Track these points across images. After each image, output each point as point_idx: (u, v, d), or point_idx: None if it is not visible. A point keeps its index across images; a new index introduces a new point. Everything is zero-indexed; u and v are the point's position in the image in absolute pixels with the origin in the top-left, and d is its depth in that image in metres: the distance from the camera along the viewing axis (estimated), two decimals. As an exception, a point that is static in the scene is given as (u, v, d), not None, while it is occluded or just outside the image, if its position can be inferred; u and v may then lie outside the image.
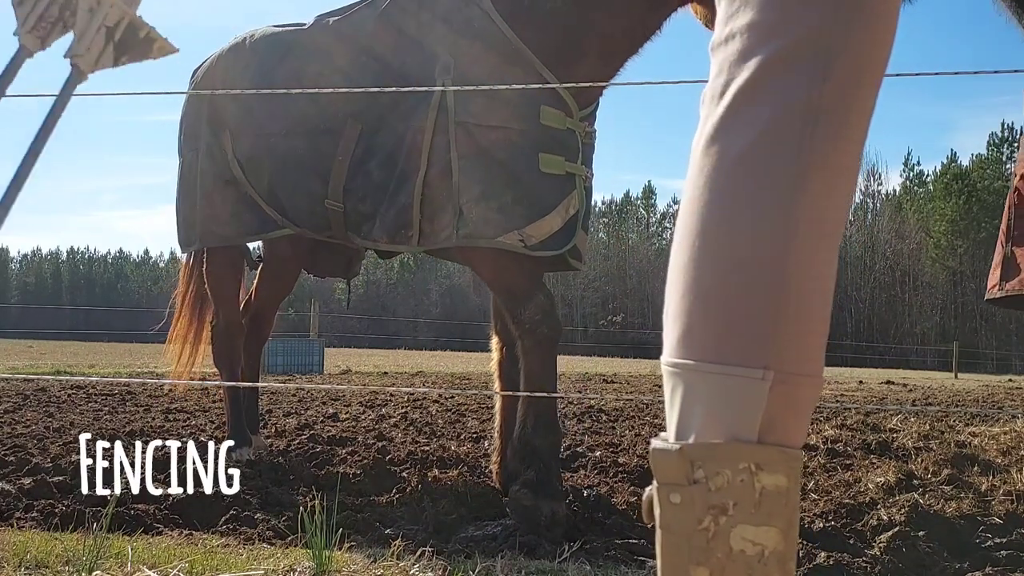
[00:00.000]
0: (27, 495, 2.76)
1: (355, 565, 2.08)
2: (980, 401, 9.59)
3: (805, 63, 0.85)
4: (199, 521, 2.58)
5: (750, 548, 0.84)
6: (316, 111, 2.99)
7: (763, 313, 0.85)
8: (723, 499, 0.84)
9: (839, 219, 0.88)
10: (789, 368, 0.85)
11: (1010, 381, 18.21)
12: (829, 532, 2.51)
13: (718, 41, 0.92)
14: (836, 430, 5.02)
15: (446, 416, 5.74)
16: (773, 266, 0.85)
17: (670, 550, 0.87)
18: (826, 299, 0.88)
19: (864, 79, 0.87)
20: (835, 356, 30.06)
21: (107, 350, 19.92)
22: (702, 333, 0.87)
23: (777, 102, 0.85)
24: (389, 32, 2.91)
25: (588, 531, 2.51)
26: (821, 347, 0.88)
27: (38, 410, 5.65)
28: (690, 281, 0.88)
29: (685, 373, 0.88)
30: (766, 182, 0.85)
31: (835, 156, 0.86)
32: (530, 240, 2.65)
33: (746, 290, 0.85)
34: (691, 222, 0.89)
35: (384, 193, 2.82)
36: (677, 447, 0.86)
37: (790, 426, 0.86)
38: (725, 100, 0.88)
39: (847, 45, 0.85)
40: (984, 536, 2.49)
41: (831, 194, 0.87)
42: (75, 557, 2.01)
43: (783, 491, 0.84)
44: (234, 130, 3.26)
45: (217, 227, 3.37)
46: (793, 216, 0.85)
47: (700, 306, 0.87)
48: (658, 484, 0.88)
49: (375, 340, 27.06)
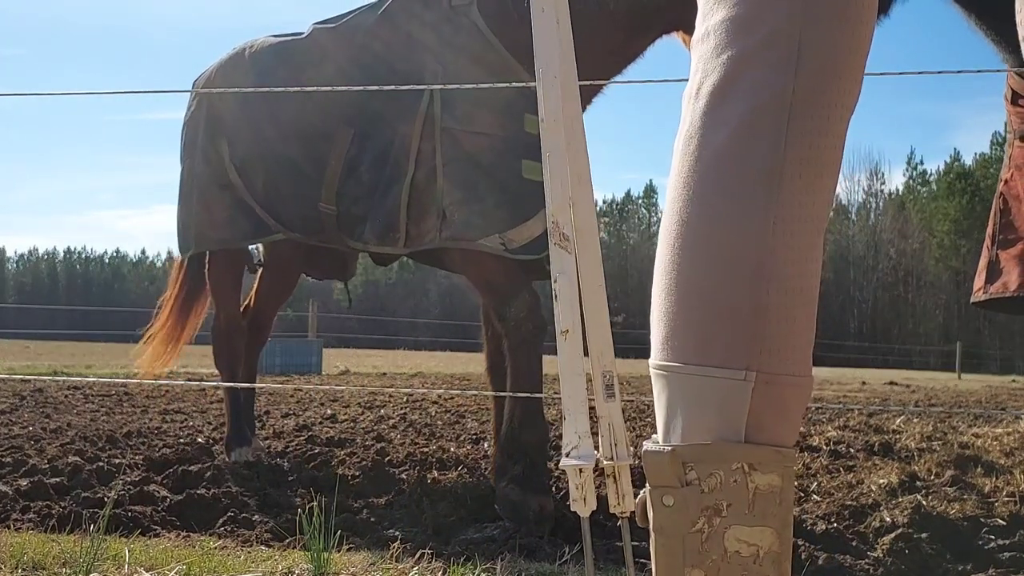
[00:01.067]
0: (24, 496, 2.75)
1: (354, 567, 2.07)
2: (983, 402, 9.59)
3: (776, 57, 0.84)
4: (197, 523, 2.57)
5: (745, 549, 0.83)
6: (310, 117, 3.08)
7: (744, 313, 0.84)
8: (716, 500, 0.83)
9: (821, 214, 0.87)
10: (773, 368, 0.84)
11: (1013, 382, 18.20)
12: (831, 534, 2.50)
13: (696, 39, 0.91)
14: (839, 431, 5.01)
15: (445, 417, 5.72)
16: (753, 265, 0.84)
17: (665, 553, 0.86)
18: (809, 296, 0.87)
19: (841, 72, 0.86)
20: (838, 357, 30.04)
21: (104, 351, 19.91)
22: (684, 335, 0.86)
23: (751, 97, 0.85)
24: (380, 42, 3.00)
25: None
26: (806, 346, 0.87)
27: (35, 411, 5.64)
28: (672, 282, 0.88)
29: (670, 376, 0.87)
30: (744, 178, 0.85)
31: (813, 150, 0.85)
32: (511, 244, 2.72)
33: (726, 290, 0.84)
34: (672, 222, 0.89)
35: (374, 196, 2.90)
36: (669, 449, 0.85)
37: (779, 426, 0.85)
38: (702, 97, 0.88)
39: (819, 38, 0.85)
40: (987, 538, 2.47)
41: (811, 188, 0.86)
42: (72, 559, 2.00)
43: (777, 491, 0.83)
44: (231, 137, 3.34)
45: (213, 231, 3.44)
46: (773, 211, 0.84)
47: (682, 308, 0.87)
48: (651, 487, 0.87)
49: (374, 340, 27.03)
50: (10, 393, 6.84)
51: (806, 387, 0.87)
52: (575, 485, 0.96)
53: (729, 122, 0.85)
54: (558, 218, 0.96)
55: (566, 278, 0.95)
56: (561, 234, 0.97)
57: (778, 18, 0.85)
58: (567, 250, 0.96)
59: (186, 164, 3.61)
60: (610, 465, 0.99)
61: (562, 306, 0.96)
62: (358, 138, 2.95)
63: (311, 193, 3.04)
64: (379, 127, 2.90)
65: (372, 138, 2.93)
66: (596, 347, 1.00)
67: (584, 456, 0.95)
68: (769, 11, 0.85)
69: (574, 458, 0.95)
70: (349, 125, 2.97)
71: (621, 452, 0.99)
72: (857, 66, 0.88)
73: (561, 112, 0.98)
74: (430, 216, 2.77)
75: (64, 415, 5.43)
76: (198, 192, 3.45)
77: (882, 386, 13.12)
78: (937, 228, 49.01)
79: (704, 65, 0.89)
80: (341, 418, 5.62)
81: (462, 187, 2.74)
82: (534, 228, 2.73)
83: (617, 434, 0.99)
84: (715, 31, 0.88)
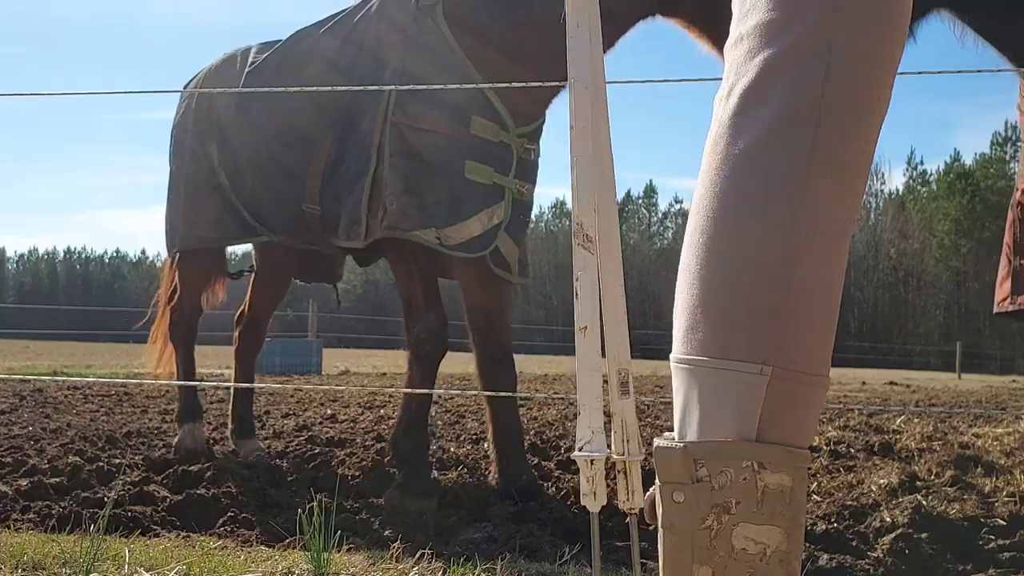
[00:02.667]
0: (24, 496, 2.75)
1: (354, 567, 2.07)
2: (983, 402, 9.58)
3: (807, 62, 0.86)
4: (197, 523, 2.57)
5: (752, 547, 0.84)
6: (296, 120, 3.15)
7: (763, 310, 0.85)
8: (726, 498, 0.84)
9: (848, 217, 0.88)
10: (790, 365, 0.85)
11: (1014, 382, 18.18)
12: (832, 534, 2.49)
13: (730, 44, 0.93)
14: (839, 431, 5.01)
15: (445, 417, 5.72)
16: (777, 264, 0.85)
17: (673, 549, 0.86)
18: (832, 297, 0.88)
19: (870, 78, 0.87)
20: (838, 356, 29.65)
21: (104, 351, 19.92)
22: (705, 329, 0.87)
23: (781, 101, 0.86)
24: (353, 46, 3.08)
25: (589, 533, 2.49)
26: (826, 346, 0.88)
27: (35, 411, 5.64)
28: (695, 278, 0.89)
29: (689, 369, 0.88)
30: (771, 180, 0.86)
31: (841, 154, 0.86)
32: (448, 240, 2.80)
33: (747, 288, 0.86)
34: (699, 220, 0.90)
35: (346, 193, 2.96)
36: (681, 445, 0.86)
37: (793, 424, 0.86)
38: (732, 100, 0.89)
39: (850, 44, 0.86)
40: (987, 538, 2.47)
41: (838, 192, 0.87)
42: (72, 559, 2.00)
43: (786, 490, 0.84)
44: (220, 141, 3.42)
45: (201, 231, 3.53)
46: (798, 213, 0.85)
47: (704, 303, 0.88)
48: (661, 483, 0.88)
49: (374, 340, 26.97)
50: (10, 393, 6.84)
51: (822, 386, 0.88)
52: (587, 478, 0.97)
53: (757, 125, 0.87)
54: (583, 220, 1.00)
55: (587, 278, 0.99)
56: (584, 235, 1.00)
57: (810, 23, 0.86)
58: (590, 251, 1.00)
59: (175, 165, 3.71)
60: (621, 460, 1.00)
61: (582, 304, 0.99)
62: (338, 139, 3.01)
63: (296, 195, 3.10)
64: (354, 126, 2.97)
65: (348, 138, 2.98)
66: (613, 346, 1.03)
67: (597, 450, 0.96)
68: (801, 16, 0.87)
69: (587, 451, 0.96)
70: (331, 127, 3.03)
71: (633, 448, 1.01)
72: (890, 70, 0.90)
73: (590, 121, 1.02)
74: (381, 208, 2.84)
75: (64, 415, 5.43)
76: (187, 192, 3.53)
77: (882, 386, 13.11)
78: (937, 228, 48.98)
79: (737, 68, 0.90)
80: (341, 418, 5.62)
81: (404, 179, 2.81)
82: (472, 227, 2.82)
83: (630, 431, 1.01)
84: (748, 35, 0.90)
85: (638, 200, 62.79)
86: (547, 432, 4.88)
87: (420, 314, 2.90)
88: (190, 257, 3.77)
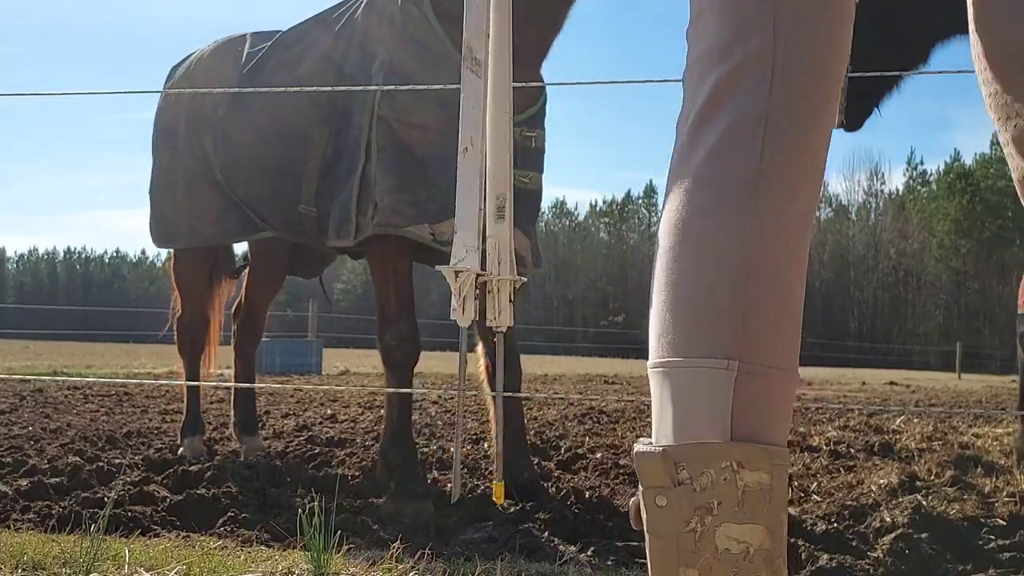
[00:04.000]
0: (24, 496, 2.75)
1: (353, 567, 2.07)
2: (983, 402, 9.59)
3: (752, 81, 0.93)
4: (197, 523, 2.56)
5: (735, 546, 0.85)
6: (287, 118, 3.09)
7: (727, 308, 0.89)
8: (708, 499, 0.85)
9: (801, 220, 0.94)
10: (756, 359, 0.88)
11: (1013, 382, 18.14)
12: (832, 534, 2.49)
13: (686, 69, 1.00)
14: (839, 431, 5.01)
15: (445, 417, 5.72)
16: (737, 262, 0.90)
17: (659, 554, 0.88)
18: (790, 295, 0.92)
19: (814, 93, 0.94)
20: (838, 357, 30.04)
21: (104, 351, 19.90)
22: (674, 332, 0.91)
23: (730, 116, 0.93)
24: (344, 40, 3.02)
25: (589, 533, 2.49)
26: (790, 343, 0.91)
27: (35, 411, 5.64)
28: (664, 287, 0.93)
29: (662, 372, 0.91)
30: (727, 186, 0.92)
31: (790, 163, 0.93)
32: (441, 236, 2.71)
33: (711, 287, 0.90)
34: (664, 234, 0.96)
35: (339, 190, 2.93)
36: (660, 450, 0.88)
37: (765, 420, 0.88)
38: (690, 120, 0.96)
39: (791, 62, 0.93)
40: (987, 538, 2.47)
41: (791, 194, 0.93)
42: (72, 559, 2.00)
43: (766, 488, 0.85)
44: (215, 136, 3.34)
45: (203, 227, 3.46)
46: (754, 216, 0.90)
47: (673, 308, 0.92)
48: (644, 488, 0.89)
49: (374, 341, 26.92)
50: (10, 393, 6.84)
51: (790, 381, 0.91)
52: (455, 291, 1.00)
53: (711, 139, 0.93)
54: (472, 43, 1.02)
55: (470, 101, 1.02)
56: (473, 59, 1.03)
57: (754, 45, 0.93)
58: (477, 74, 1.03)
59: (163, 152, 3.58)
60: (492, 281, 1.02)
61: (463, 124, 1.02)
62: (333, 135, 2.96)
63: (294, 194, 3.06)
64: (346, 123, 2.92)
65: (342, 134, 2.94)
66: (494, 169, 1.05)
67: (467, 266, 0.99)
68: (746, 39, 0.94)
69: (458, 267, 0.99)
70: (324, 124, 2.98)
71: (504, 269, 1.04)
72: (833, 85, 0.97)
73: None
74: (371, 206, 2.79)
75: (64, 415, 5.43)
76: (184, 186, 3.45)
77: (882, 386, 13.11)
78: (937, 228, 48.98)
79: (693, 90, 0.97)
80: (341, 418, 5.62)
81: (395, 175, 2.74)
82: None
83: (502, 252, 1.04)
84: (700, 60, 0.97)
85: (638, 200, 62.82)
86: (547, 432, 4.88)
87: (392, 321, 2.87)
88: (189, 256, 3.71)
